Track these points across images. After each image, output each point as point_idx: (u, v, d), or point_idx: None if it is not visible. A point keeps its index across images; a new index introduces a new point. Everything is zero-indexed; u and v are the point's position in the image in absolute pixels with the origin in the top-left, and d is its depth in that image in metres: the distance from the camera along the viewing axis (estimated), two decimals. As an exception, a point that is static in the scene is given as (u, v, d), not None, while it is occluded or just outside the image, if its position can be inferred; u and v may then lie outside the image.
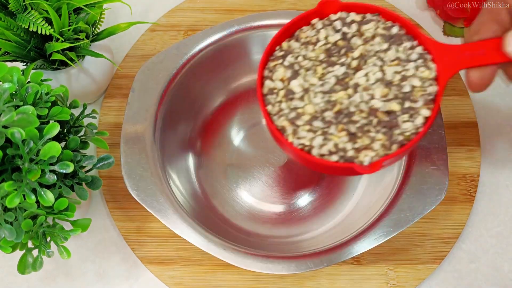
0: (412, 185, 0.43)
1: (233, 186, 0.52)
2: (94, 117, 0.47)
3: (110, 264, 0.50)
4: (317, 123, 0.34)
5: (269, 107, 0.36)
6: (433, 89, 0.34)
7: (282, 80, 0.35)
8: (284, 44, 0.37)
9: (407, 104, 0.33)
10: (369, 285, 0.48)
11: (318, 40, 0.36)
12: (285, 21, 0.48)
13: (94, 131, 0.45)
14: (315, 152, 0.34)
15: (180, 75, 0.48)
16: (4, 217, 0.38)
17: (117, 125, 0.55)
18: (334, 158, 0.33)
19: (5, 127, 0.37)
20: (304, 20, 0.37)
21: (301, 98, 0.34)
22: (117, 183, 0.52)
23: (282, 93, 0.35)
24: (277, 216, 0.51)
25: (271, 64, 0.37)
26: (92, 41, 0.49)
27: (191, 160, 0.52)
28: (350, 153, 0.33)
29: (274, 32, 0.48)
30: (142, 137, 0.45)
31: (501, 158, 0.53)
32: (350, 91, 0.34)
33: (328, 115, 0.33)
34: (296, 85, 0.35)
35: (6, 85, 0.39)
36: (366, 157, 0.33)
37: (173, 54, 0.48)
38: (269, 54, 0.37)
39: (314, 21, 0.37)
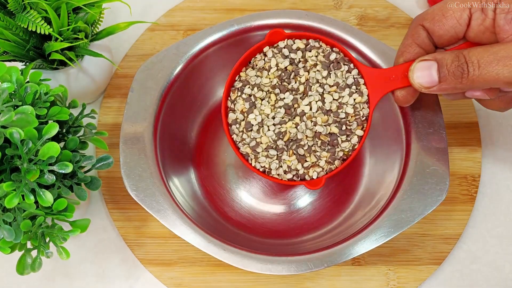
0: (413, 185, 0.43)
1: (233, 186, 0.52)
2: (93, 117, 0.46)
3: (110, 265, 0.50)
4: (272, 152, 0.41)
5: (234, 136, 0.42)
6: (365, 111, 0.41)
7: (242, 111, 0.42)
8: (242, 74, 0.43)
9: (344, 127, 0.40)
10: (369, 286, 0.48)
11: (270, 67, 0.42)
12: (286, 20, 0.49)
13: (93, 131, 0.45)
14: (273, 172, 0.41)
15: (179, 74, 0.48)
16: (3, 218, 0.38)
17: (116, 125, 0.54)
18: (289, 176, 0.41)
19: (4, 127, 0.37)
20: (257, 50, 0.43)
21: (258, 131, 0.41)
22: (116, 183, 0.52)
23: (243, 124, 0.42)
24: (277, 216, 0.51)
25: (233, 96, 0.42)
26: (91, 40, 0.49)
27: (190, 161, 0.52)
28: (301, 171, 0.41)
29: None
30: (142, 137, 0.45)
31: (502, 158, 0.53)
32: (297, 119, 0.40)
33: (280, 143, 0.41)
34: (252, 118, 0.41)
35: (5, 85, 0.39)
36: (314, 173, 0.41)
37: (173, 54, 0.48)
38: (230, 85, 0.43)
39: (266, 49, 0.43)
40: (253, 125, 0.41)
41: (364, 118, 0.41)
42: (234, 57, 0.47)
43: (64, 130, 0.44)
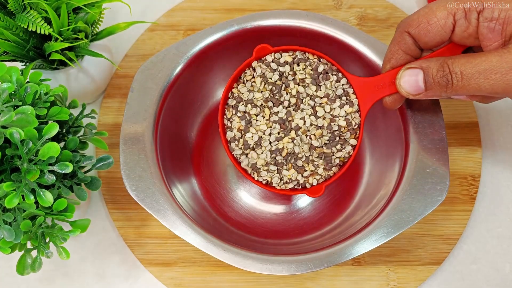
0: (413, 185, 0.43)
1: (233, 186, 0.52)
2: (93, 117, 0.46)
3: (109, 265, 0.50)
4: (272, 167, 0.42)
5: (234, 152, 0.43)
6: (357, 120, 0.42)
7: (239, 129, 0.42)
8: (234, 90, 0.43)
9: (337, 138, 0.42)
10: (369, 286, 0.48)
11: (261, 82, 0.42)
12: (286, 20, 0.49)
13: (93, 131, 0.45)
14: (275, 184, 0.43)
15: (179, 75, 0.48)
16: (3, 218, 0.38)
17: (116, 125, 0.54)
18: (290, 186, 0.43)
19: (4, 127, 0.37)
20: (246, 66, 0.43)
21: (256, 150, 0.42)
22: (116, 183, 0.52)
23: (241, 142, 0.42)
24: (277, 216, 0.51)
25: (228, 113, 0.43)
26: (91, 40, 0.49)
27: (190, 161, 0.52)
28: (301, 180, 0.42)
29: (274, 31, 0.49)
30: (142, 137, 0.45)
31: (502, 158, 0.53)
32: (292, 133, 0.41)
33: (279, 158, 0.42)
34: (249, 138, 0.42)
35: (5, 85, 0.39)
36: (314, 180, 0.42)
37: (173, 54, 0.48)
38: (225, 102, 0.43)
39: (254, 64, 0.43)
40: (250, 144, 0.42)
41: (356, 126, 0.42)
42: (234, 57, 0.47)
43: (64, 130, 0.44)
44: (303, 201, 0.51)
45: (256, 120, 0.42)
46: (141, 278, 0.49)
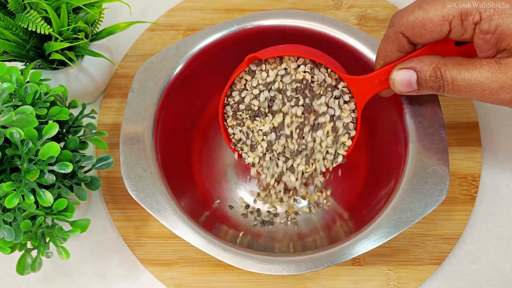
0: (413, 185, 0.43)
1: (233, 186, 0.52)
2: (93, 117, 0.46)
3: (110, 265, 0.50)
4: (278, 169, 0.46)
5: (243, 155, 0.47)
6: (354, 115, 0.43)
7: (241, 140, 0.46)
8: (230, 99, 0.44)
9: (337, 140, 0.44)
10: (369, 286, 0.48)
11: (254, 89, 0.43)
12: (286, 20, 0.49)
13: (93, 131, 0.45)
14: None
15: (179, 75, 0.48)
16: (3, 218, 0.38)
17: (116, 125, 0.54)
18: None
19: (4, 127, 0.37)
20: (240, 74, 0.44)
21: (261, 165, 0.46)
22: (116, 183, 0.52)
23: (245, 147, 0.46)
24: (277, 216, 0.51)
25: (229, 121, 0.45)
26: (91, 40, 0.49)
27: (190, 161, 0.52)
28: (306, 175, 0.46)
29: (274, 31, 0.49)
30: (142, 137, 0.45)
31: (502, 158, 0.53)
32: (294, 141, 0.44)
33: (284, 167, 0.45)
34: (254, 154, 0.45)
35: (5, 85, 0.39)
36: (322, 167, 0.45)
37: (173, 54, 0.48)
38: (223, 108, 0.45)
39: (245, 76, 0.44)
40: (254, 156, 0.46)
41: (354, 121, 0.44)
42: (234, 57, 0.47)
43: (64, 130, 0.44)
44: (303, 201, 0.51)
45: (258, 129, 0.44)
46: (141, 278, 0.49)
